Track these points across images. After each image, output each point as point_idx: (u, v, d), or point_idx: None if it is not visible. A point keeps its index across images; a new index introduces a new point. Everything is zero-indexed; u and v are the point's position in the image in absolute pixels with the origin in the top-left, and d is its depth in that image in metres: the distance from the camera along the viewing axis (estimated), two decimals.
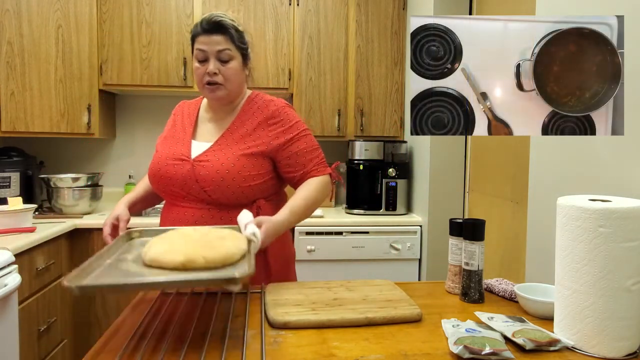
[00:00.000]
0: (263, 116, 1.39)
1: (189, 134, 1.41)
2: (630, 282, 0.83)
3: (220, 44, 1.32)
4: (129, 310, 1.06)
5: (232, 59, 1.35)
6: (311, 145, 1.41)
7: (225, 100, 1.40)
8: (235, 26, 1.36)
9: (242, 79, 1.40)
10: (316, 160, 1.40)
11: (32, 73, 2.62)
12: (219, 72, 1.33)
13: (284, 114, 1.40)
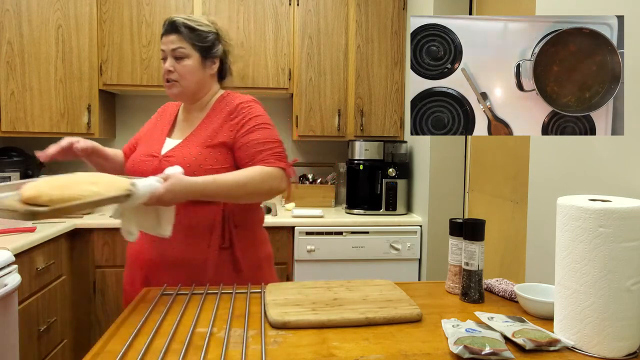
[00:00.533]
0: (226, 112, 1.42)
1: (165, 132, 1.47)
2: (630, 282, 0.83)
3: (174, 43, 1.39)
4: (129, 310, 1.06)
5: (186, 57, 1.40)
6: (267, 137, 1.39)
7: (183, 97, 1.44)
8: (190, 25, 1.40)
9: (200, 77, 1.43)
10: (269, 152, 1.37)
11: (32, 73, 2.62)
12: (174, 70, 1.40)
13: (246, 107, 1.43)
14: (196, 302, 1.10)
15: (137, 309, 1.07)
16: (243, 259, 1.39)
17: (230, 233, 1.38)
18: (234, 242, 1.38)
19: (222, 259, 1.37)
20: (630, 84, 1.10)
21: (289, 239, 2.54)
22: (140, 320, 0.99)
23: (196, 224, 1.35)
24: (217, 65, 1.47)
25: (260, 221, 1.52)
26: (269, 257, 1.52)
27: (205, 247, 1.35)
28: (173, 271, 1.34)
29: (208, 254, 1.35)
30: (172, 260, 1.35)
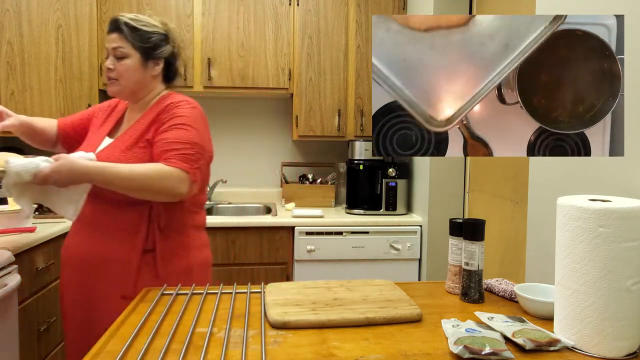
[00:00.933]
0: (156, 112, 1.42)
1: (107, 130, 1.47)
2: (630, 282, 0.83)
3: (115, 42, 1.40)
4: (129, 310, 1.06)
5: (126, 56, 1.40)
6: (179, 138, 1.35)
7: (122, 96, 1.45)
8: (132, 25, 1.40)
9: (139, 77, 1.43)
10: (174, 153, 1.33)
11: (32, 73, 2.62)
12: (114, 68, 1.40)
13: (173, 108, 1.41)
14: (196, 302, 1.10)
15: (137, 309, 1.07)
16: (163, 264, 1.37)
17: (153, 235, 1.37)
18: (157, 246, 1.37)
19: (145, 261, 1.36)
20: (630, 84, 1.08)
21: (289, 239, 2.54)
22: (140, 320, 0.99)
23: (122, 224, 1.36)
24: (161, 67, 1.47)
25: (196, 225, 1.49)
26: (203, 264, 1.49)
27: (130, 248, 1.35)
28: (101, 271, 1.35)
29: (131, 256, 1.35)
30: (100, 260, 1.35)
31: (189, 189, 1.34)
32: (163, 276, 1.37)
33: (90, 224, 1.39)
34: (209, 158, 1.46)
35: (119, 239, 1.36)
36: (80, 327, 1.40)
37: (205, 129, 1.45)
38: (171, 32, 1.50)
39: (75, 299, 1.40)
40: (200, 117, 1.44)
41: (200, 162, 1.38)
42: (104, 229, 1.36)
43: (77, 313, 1.40)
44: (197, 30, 2.73)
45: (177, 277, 1.38)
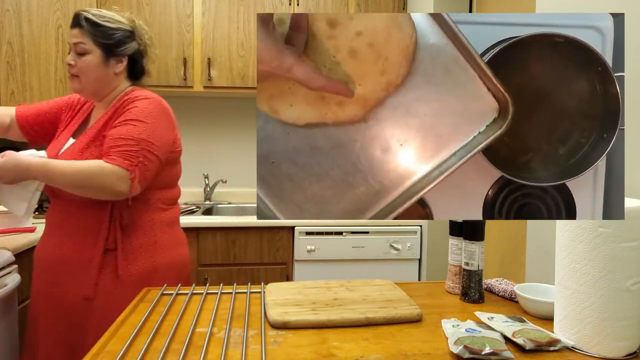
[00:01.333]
0: (115, 108, 1.39)
1: (71, 130, 1.45)
2: (630, 282, 0.83)
3: (77, 37, 1.37)
4: (129, 310, 1.06)
5: (86, 52, 1.37)
6: (124, 134, 1.30)
7: (84, 94, 1.43)
8: (93, 21, 1.36)
9: (101, 75, 1.40)
10: (116, 149, 1.28)
11: (32, 73, 2.62)
12: (75, 64, 1.38)
13: (128, 103, 1.38)
14: (196, 302, 1.10)
15: (137, 309, 1.07)
16: (125, 264, 1.34)
17: (115, 234, 1.34)
18: (118, 245, 1.34)
19: (107, 261, 1.34)
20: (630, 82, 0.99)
21: (288, 239, 2.54)
22: (140, 320, 0.99)
23: (84, 224, 1.34)
24: (124, 64, 1.43)
25: (164, 222, 1.44)
26: (172, 265, 1.43)
27: (91, 248, 1.33)
28: (64, 272, 1.34)
29: (92, 256, 1.33)
30: (63, 261, 1.34)
31: (129, 187, 1.28)
32: (124, 277, 1.34)
33: (55, 226, 1.38)
34: (162, 155, 1.37)
35: (81, 239, 1.34)
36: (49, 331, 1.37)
37: (159, 123, 1.37)
38: (138, 29, 1.46)
39: (45, 301, 1.38)
40: (156, 110, 1.38)
41: (145, 159, 1.31)
42: (66, 230, 1.35)
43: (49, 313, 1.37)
44: (197, 30, 2.73)
45: (140, 277, 1.35)
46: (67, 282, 1.34)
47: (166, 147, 1.40)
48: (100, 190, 1.27)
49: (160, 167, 1.39)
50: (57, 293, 1.35)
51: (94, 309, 1.32)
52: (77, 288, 1.33)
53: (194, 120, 3.12)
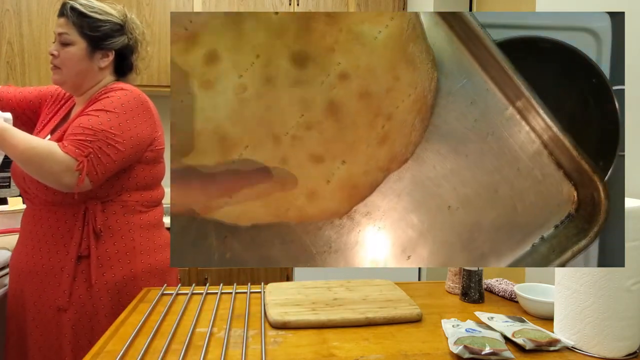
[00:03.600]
0: (92, 100, 1.29)
1: (51, 127, 1.38)
2: (630, 282, 0.83)
3: (62, 27, 1.30)
4: (129, 310, 1.06)
5: (71, 43, 1.29)
6: (84, 124, 1.21)
7: (65, 87, 1.35)
8: (81, 11, 1.29)
9: (84, 68, 1.31)
10: (72, 138, 1.19)
11: (32, 73, 2.62)
12: (58, 55, 1.31)
13: (103, 95, 1.27)
14: (196, 302, 1.10)
15: (137, 309, 1.07)
16: (99, 271, 1.25)
17: (88, 240, 1.24)
18: (91, 252, 1.24)
19: (80, 270, 1.24)
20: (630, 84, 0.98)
21: None
22: (140, 320, 0.99)
23: (57, 228, 1.26)
24: (111, 59, 1.35)
25: (143, 225, 1.34)
26: (153, 270, 1.34)
27: (64, 255, 1.25)
28: (35, 282, 1.26)
29: (64, 264, 1.24)
30: (31, 268, 1.26)
31: (76, 180, 1.16)
32: (99, 285, 1.24)
33: (28, 232, 1.30)
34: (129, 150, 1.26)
35: (53, 246, 1.25)
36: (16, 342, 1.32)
37: (131, 116, 1.27)
38: (129, 23, 1.40)
39: (16, 310, 1.31)
40: (131, 103, 1.28)
41: (99, 151, 1.19)
42: (38, 236, 1.27)
43: (17, 324, 1.31)
44: None
45: (117, 286, 1.26)
46: (39, 293, 1.25)
47: (137, 142, 1.27)
48: (45, 176, 1.16)
49: (124, 164, 1.26)
50: (28, 304, 1.28)
51: (67, 320, 1.24)
52: (49, 298, 1.24)
53: None
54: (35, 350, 1.27)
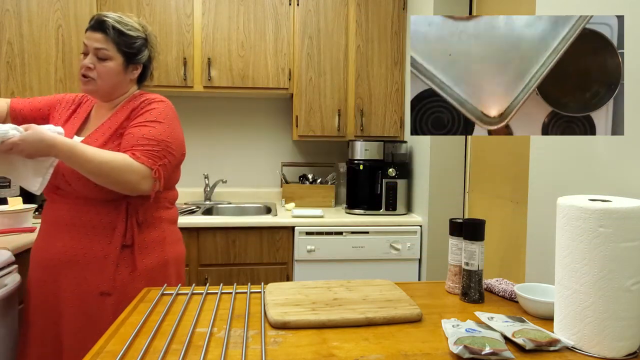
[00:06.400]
0: (130, 110, 1.42)
1: (75, 128, 1.45)
2: (630, 282, 0.83)
3: (99, 42, 1.38)
4: (129, 310, 1.06)
5: (109, 58, 1.39)
6: (146, 134, 1.36)
7: (96, 95, 1.44)
8: (119, 29, 1.39)
9: (119, 80, 1.43)
10: (141, 149, 1.34)
11: (32, 73, 2.62)
12: (94, 68, 1.39)
13: (145, 105, 1.43)
14: (196, 302, 1.10)
15: (137, 309, 1.07)
16: (141, 258, 1.38)
17: (132, 231, 1.37)
18: (135, 241, 1.38)
19: (122, 257, 1.36)
20: (630, 84, 1.09)
21: (289, 239, 2.54)
22: (140, 320, 0.99)
23: (99, 220, 1.36)
24: (139, 71, 1.48)
25: (170, 220, 1.51)
26: (179, 258, 1.50)
27: (107, 245, 1.35)
28: (77, 269, 1.34)
29: (108, 252, 1.35)
30: (71, 258, 1.35)
31: (151, 186, 1.34)
32: (141, 270, 1.38)
33: (66, 224, 1.37)
34: (178, 155, 1.45)
35: (97, 236, 1.35)
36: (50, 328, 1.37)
37: (175, 126, 1.44)
38: (150, 37, 1.50)
39: (47, 300, 1.37)
40: (171, 113, 1.45)
41: (165, 159, 1.38)
42: (80, 228, 1.35)
43: (47, 314, 1.38)
44: (197, 30, 2.73)
45: (154, 271, 1.40)
46: (79, 280, 1.34)
47: (182, 147, 1.47)
48: (122, 185, 1.30)
49: (176, 168, 1.47)
50: (63, 291, 1.35)
51: (110, 304, 1.34)
52: (92, 285, 1.34)
53: (193, 120, 3.12)
54: (70, 335, 1.35)
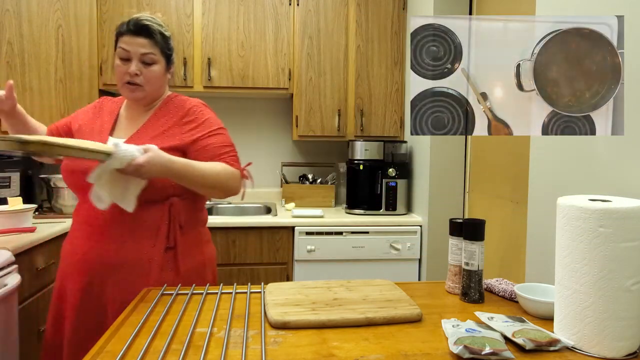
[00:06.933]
0: (178, 115, 1.43)
1: (107, 130, 1.44)
2: (630, 282, 0.83)
3: (145, 47, 1.37)
4: (129, 310, 1.06)
5: (155, 62, 1.39)
6: (223, 142, 1.43)
7: (143, 101, 1.43)
8: (162, 32, 1.40)
9: (163, 82, 1.45)
10: (228, 156, 1.41)
11: (32, 73, 2.62)
12: (141, 74, 1.37)
13: (198, 112, 1.44)
14: (196, 302, 1.10)
15: (137, 309, 1.07)
16: (184, 260, 1.38)
17: (175, 233, 1.37)
18: (178, 243, 1.37)
19: (166, 260, 1.36)
20: (630, 85, 1.09)
21: (289, 239, 2.54)
22: (140, 320, 0.99)
23: (142, 224, 1.34)
24: (173, 71, 1.49)
25: (204, 221, 1.53)
26: (212, 258, 1.52)
27: (150, 248, 1.34)
28: (120, 272, 1.31)
29: (152, 255, 1.34)
30: (116, 262, 1.32)
31: (242, 188, 1.43)
32: (183, 272, 1.37)
33: (107, 226, 1.34)
34: None
35: (140, 239, 1.34)
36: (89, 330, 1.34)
37: None
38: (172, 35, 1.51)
39: (84, 303, 1.34)
40: None
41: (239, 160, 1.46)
42: (123, 230, 1.33)
43: (86, 316, 1.34)
44: (197, 30, 2.73)
45: (195, 272, 1.41)
46: (125, 284, 1.31)
47: None
48: (226, 192, 1.37)
49: None
50: (105, 294, 1.32)
51: None
52: (139, 288, 1.29)
53: None
54: None
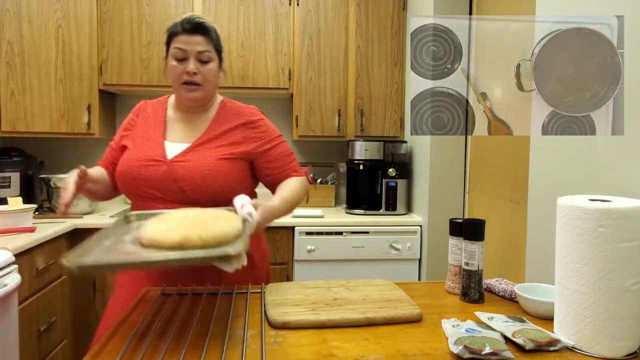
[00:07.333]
0: (241, 121, 1.42)
1: (160, 134, 1.39)
2: (630, 282, 0.83)
3: (202, 45, 1.34)
4: (129, 310, 1.06)
5: (211, 60, 1.37)
6: (287, 150, 1.48)
7: (201, 102, 1.40)
8: (215, 29, 1.40)
9: (217, 81, 1.43)
10: (293, 164, 1.47)
11: (32, 73, 2.62)
12: (199, 72, 1.35)
13: (263, 124, 1.45)
14: (196, 302, 1.10)
15: (137, 309, 1.07)
16: (255, 254, 1.39)
17: None
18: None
19: None
20: (630, 85, 1.09)
21: (289, 239, 2.54)
22: (140, 320, 0.99)
23: None
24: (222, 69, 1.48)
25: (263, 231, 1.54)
26: (268, 255, 1.58)
27: None
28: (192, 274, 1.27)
29: None
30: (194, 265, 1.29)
31: None
32: (257, 268, 1.40)
33: None
34: None
35: None
36: None
37: None
38: None
39: None
40: None
41: None
42: None
43: None
44: None
45: (263, 266, 1.46)
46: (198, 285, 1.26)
47: None
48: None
49: None
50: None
51: None
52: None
53: None
54: None
